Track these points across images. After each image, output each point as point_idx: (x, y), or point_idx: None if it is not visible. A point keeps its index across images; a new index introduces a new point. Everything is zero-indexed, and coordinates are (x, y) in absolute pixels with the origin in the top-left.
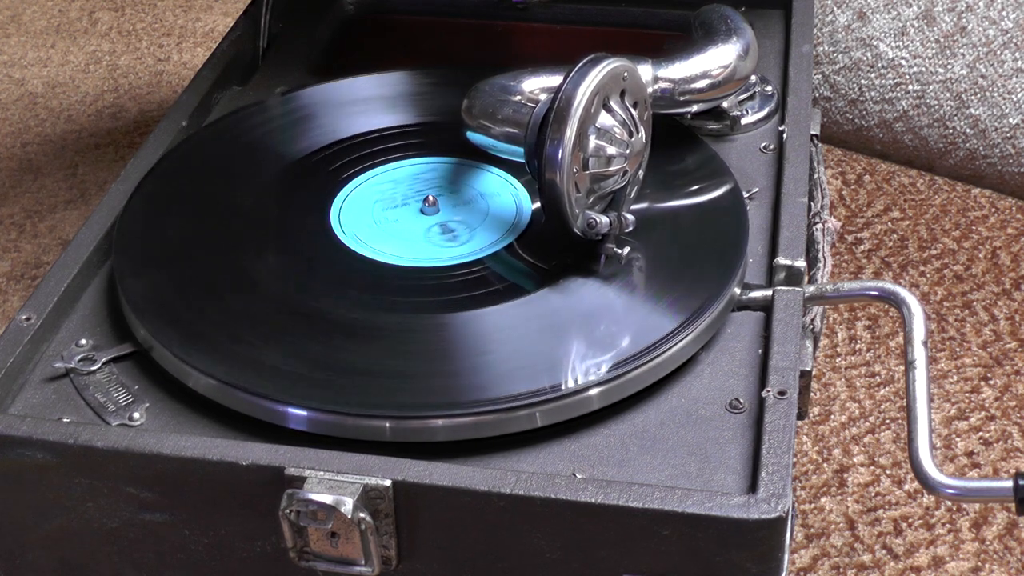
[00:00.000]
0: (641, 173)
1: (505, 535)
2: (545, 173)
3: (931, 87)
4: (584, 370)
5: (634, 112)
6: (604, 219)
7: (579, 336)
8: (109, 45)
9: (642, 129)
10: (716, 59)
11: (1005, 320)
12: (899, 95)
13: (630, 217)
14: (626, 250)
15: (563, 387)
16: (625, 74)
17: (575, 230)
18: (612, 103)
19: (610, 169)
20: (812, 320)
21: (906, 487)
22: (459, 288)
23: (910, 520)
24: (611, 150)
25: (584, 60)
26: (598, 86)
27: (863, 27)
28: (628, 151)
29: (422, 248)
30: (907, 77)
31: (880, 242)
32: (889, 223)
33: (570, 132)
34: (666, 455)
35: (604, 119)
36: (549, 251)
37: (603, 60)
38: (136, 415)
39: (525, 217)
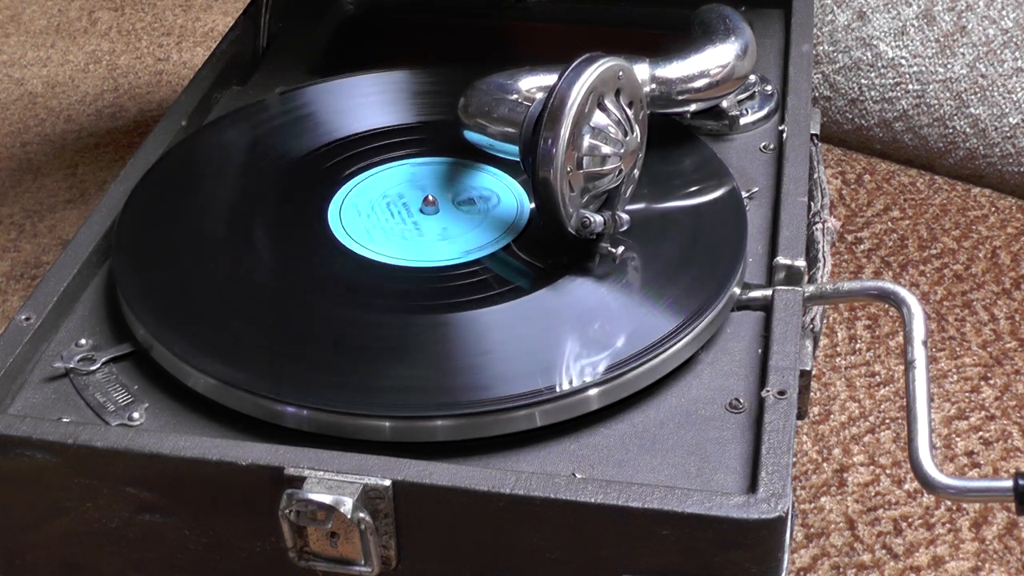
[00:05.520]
0: (636, 172)
1: (505, 535)
2: (539, 171)
3: (931, 87)
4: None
5: (629, 111)
6: (598, 218)
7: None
8: (109, 45)
9: (637, 128)
10: (714, 58)
11: (1005, 320)
12: (899, 94)
13: (624, 216)
14: (620, 249)
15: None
16: (620, 73)
17: (569, 229)
18: (607, 102)
19: (604, 168)
20: (812, 320)
21: (906, 487)
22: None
23: (910, 520)
24: (606, 149)
25: (579, 59)
26: (592, 85)
27: (863, 27)
28: (623, 150)
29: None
30: (907, 77)
31: (880, 242)
32: (889, 223)
33: (564, 131)
34: (666, 455)
35: (599, 118)
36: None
37: (598, 59)
38: (136, 415)
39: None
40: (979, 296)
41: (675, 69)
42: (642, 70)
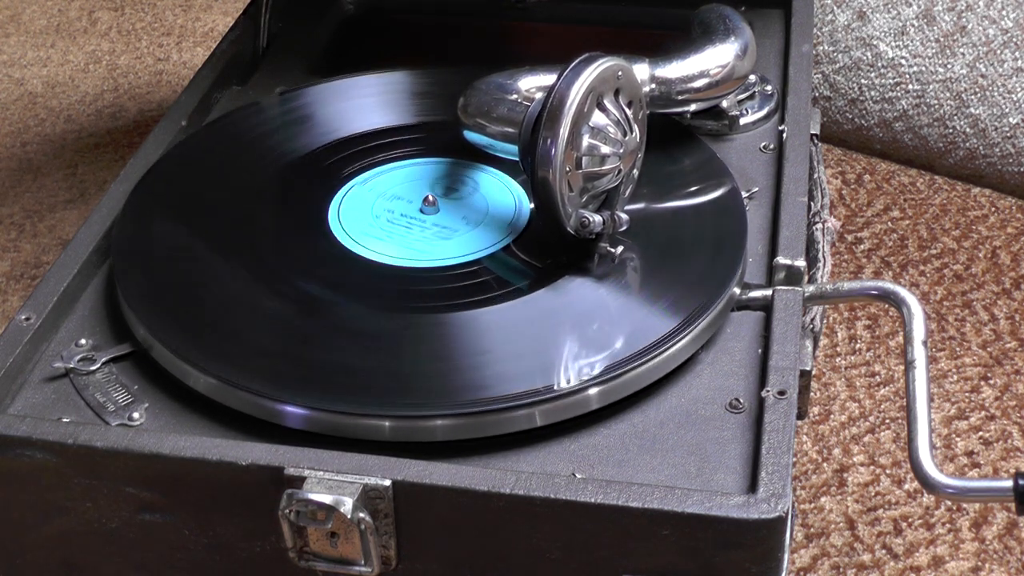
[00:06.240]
0: (636, 172)
1: (505, 535)
2: (538, 171)
3: (931, 87)
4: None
5: (628, 111)
6: (597, 218)
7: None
8: (109, 45)
9: (636, 128)
10: (714, 58)
11: (1005, 320)
12: (899, 94)
13: (624, 216)
14: (619, 249)
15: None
16: (619, 73)
17: (568, 229)
18: (606, 102)
19: (604, 168)
20: (812, 320)
21: (906, 487)
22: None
23: (910, 520)
24: (605, 149)
25: (578, 59)
26: (591, 85)
27: (863, 27)
28: (622, 150)
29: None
30: (907, 77)
31: (880, 242)
32: (889, 222)
33: (563, 131)
34: (666, 455)
35: (598, 118)
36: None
37: (597, 59)
38: (136, 415)
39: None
40: (979, 296)
41: (675, 69)
42: (642, 70)
